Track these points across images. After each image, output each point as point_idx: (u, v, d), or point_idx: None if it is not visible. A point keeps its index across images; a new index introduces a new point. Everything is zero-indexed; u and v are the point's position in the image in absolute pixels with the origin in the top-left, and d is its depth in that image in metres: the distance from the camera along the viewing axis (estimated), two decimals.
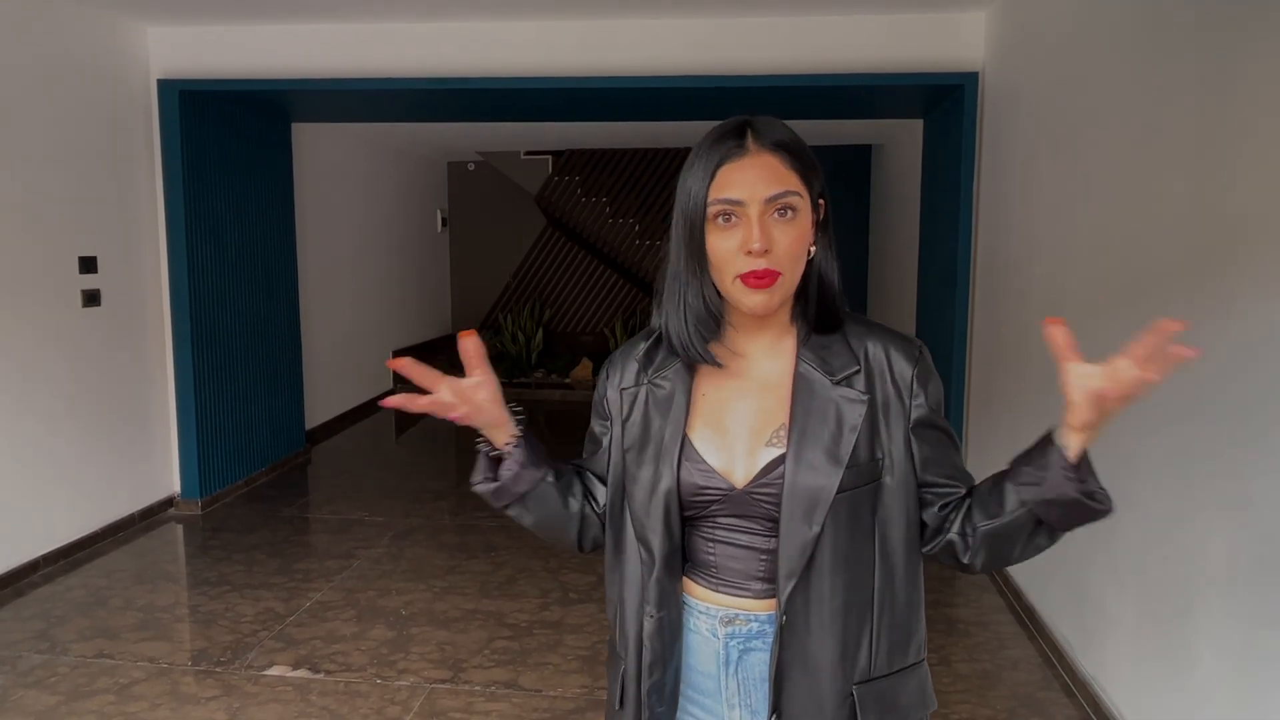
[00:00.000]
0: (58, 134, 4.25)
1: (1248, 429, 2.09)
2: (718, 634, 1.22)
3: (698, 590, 1.25)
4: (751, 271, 1.12)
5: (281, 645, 3.42)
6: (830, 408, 1.17)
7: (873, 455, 1.17)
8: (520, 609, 3.75)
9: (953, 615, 3.70)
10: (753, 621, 1.21)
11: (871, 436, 1.17)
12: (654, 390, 1.25)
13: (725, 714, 1.24)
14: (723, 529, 1.21)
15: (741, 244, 1.12)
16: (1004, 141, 4.16)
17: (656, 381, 1.25)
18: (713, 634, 1.23)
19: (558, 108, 5.69)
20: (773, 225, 1.13)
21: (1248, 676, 2.09)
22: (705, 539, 1.23)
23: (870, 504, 1.18)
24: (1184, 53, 2.44)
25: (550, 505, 1.29)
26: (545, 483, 1.27)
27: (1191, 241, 2.37)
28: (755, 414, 1.20)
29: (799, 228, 1.14)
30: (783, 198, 1.13)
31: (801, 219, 1.14)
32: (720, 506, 1.20)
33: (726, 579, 1.22)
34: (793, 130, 1.18)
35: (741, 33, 4.57)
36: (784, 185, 1.13)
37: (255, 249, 5.53)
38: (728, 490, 1.19)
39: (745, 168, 1.13)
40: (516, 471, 1.24)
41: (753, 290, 1.13)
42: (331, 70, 4.77)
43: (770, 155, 1.14)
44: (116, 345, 4.65)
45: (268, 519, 4.91)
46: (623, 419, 1.27)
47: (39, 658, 3.32)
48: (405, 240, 8.86)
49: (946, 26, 4.50)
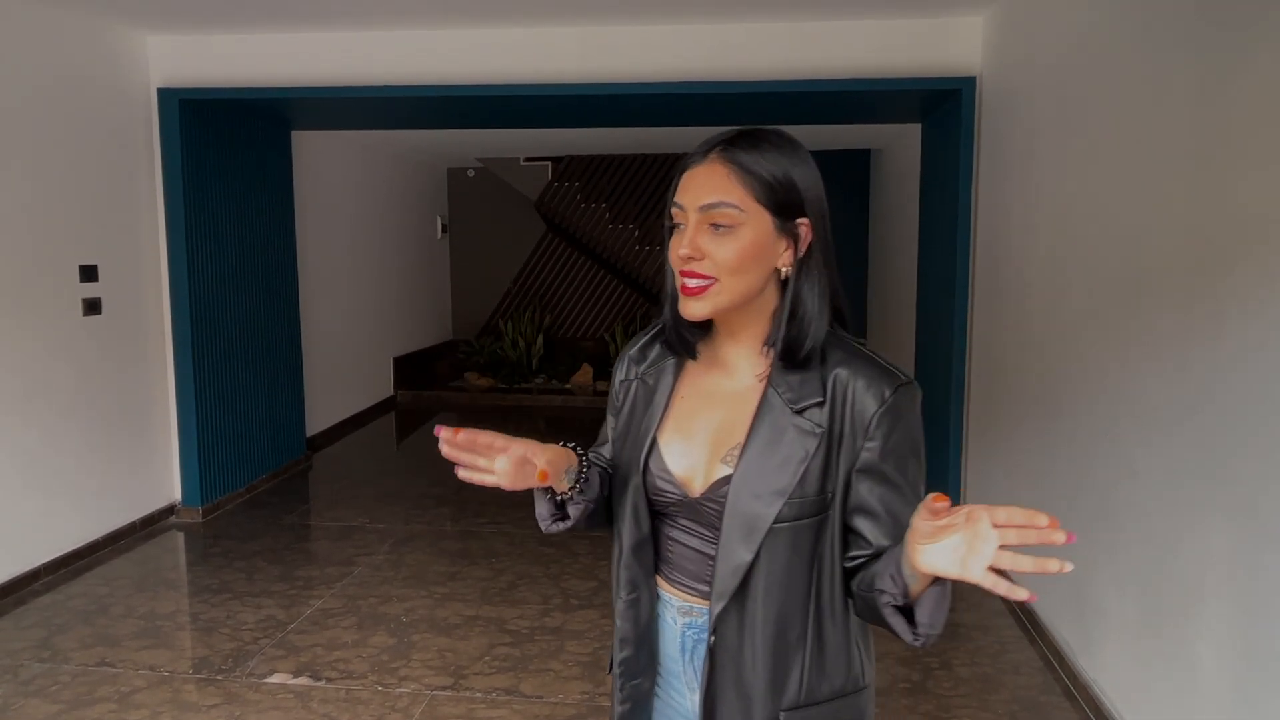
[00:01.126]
0: (58, 143, 4.26)
1: (1248, 432, 2.09)
2: (677, 623, 1.28)
3: (662, 581, 1.30)
4: (685, 275, 1.15)
5: (283, 653, 3.42)
6: (784, 436, 1.15)
7: (822, 489, 1.15)
8: (521, 615, 3.75)
9: (954, 619, 3.70)
10: (704, 616, 1.25)
11: (824, 470, 1.15)
12: (644, 384, 1.30)
13: (687, 695, 1.31)
14: (680, 529, 1.26)
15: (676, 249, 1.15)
16: (1002, 145, 4.17)
17: (645, 378, 1.30)
18: (674, 622, 1.29)
19: (557, 114, 5.70)
20: (709, 235, 1.13)
21: (1249, 680, 2.09)
22: (667, 536, 1.28)
23: (813, 536, 1.17)
24: (1181, 57, 2.45)
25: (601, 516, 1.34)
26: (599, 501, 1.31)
27: (1190, 245, 2.38)
28: (719, 427, 1.22)
29: (739, 242, 1.13)
30: (716, 209, 1.13)
31: (742, 234, 1.13)
32: (677, 509, 1.24)
33: (680, 576, 1.27)
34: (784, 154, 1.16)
35: (740, 39, 4.58)
36: (721, 197, 1.13)
37: (255, 256, 5.54)
38: (682, 496, 1.23)
39: (695, 175, 1.15)
40: (582, 509, 1.27)
41: (686, 296, 1.16)
42: (331, 78, 4.79)
43: (723, 167, 1.14)
44: (117, 353, 4.66)
45: (269, 526, 4.91)
46: (617, 409, 1.33)
47: (40, 666, 3.32)
48: (405, 247, 8.87)
49: (944, 31, 4.51)
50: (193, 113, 4.90)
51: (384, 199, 8.31)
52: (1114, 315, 2.86)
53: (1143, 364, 2.63)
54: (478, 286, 10.22)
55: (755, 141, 1.15)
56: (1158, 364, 2.54)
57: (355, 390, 7.59)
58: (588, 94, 4.74)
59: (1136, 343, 2.68)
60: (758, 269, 1.15)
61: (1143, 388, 2.63)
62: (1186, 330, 2.38)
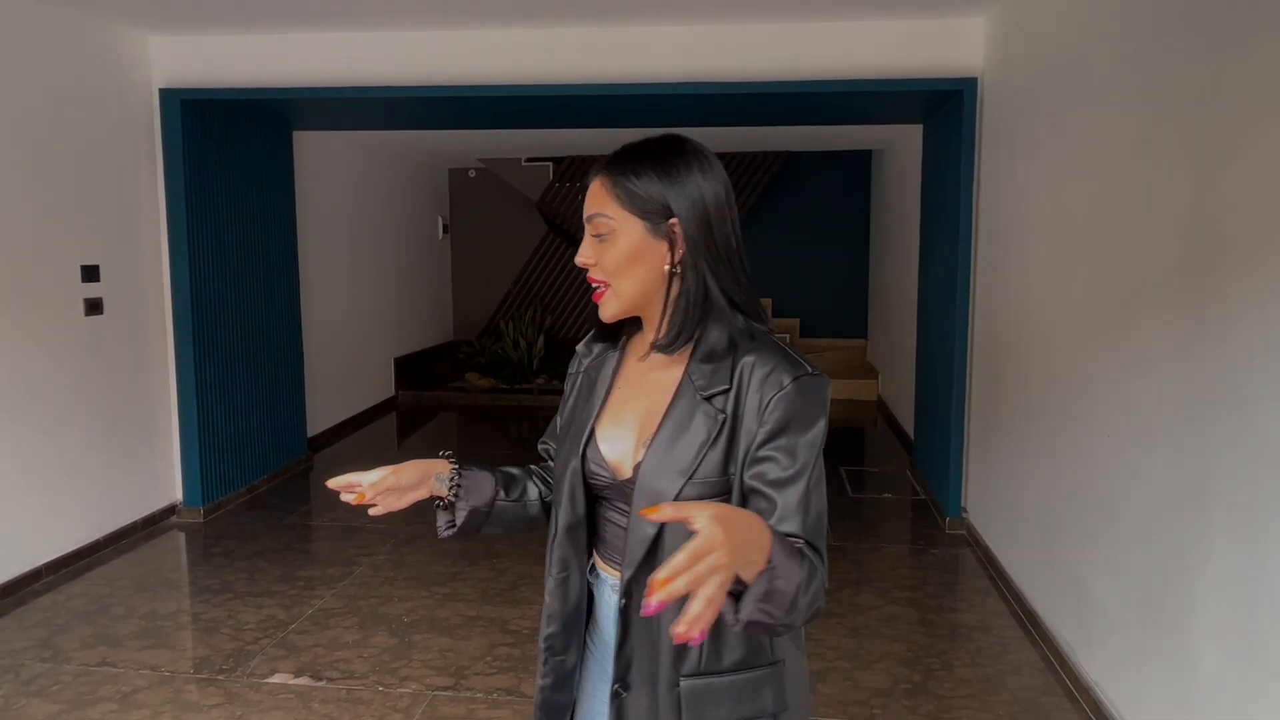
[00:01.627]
0: (60, 143, 4.27)
1: (1249, 433, 2.09)
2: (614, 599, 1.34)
3: (600, 561, 1.38)
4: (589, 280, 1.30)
5: (284, 653, 3.42)
6: (691, 421, 1.23)
7: (724, 471, 1.21)
8: (522, 615, 3.75)
9: (955, 620, 3.70)
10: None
11: (726, 453, 1.21)
12: (587, 377, 1.41)
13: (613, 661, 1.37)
14: (614, 510, 1.34)
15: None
16: (1003, 146, 4.17)
17: (589, 371, 1.41)
18: (611, 598, 1.35)
19: (559, 115, 5.70)
20: (595, 244, 1.28)
21: (1249, 682, 2.09)
22: (603, 518, 1.36)
23: None
24: (1182, 59, 2.45)
25: (511, 515, 1.44)
26: (498, 504, 1.42)
27: (1191, 247, 2.38)
28: (645, 412, 1.31)
29: (616, 246, 1.25)
30: (594, 219, 1.27)
31: (618, 240, 1.25)
32: (610, 492, 1.33)
33: (615, 554, 1.34)
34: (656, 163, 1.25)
35: (742, 39, 4.58)
36: (597, 209, 1.27)
37: (257, 256, 5.54)
38: (612, 480, 1.31)
39: (587, 192, 1.30)
40: (468, 513, 1.39)
41: (595, 301, 1.31)
42: (332, 79, 4.79)
43: (599, 182, 1.28)
44: (118, 354, 4.66)
45: (270, 526, 4.92)
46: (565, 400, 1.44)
47: (41, 666, 3.33)
48: (406, 247, 8.88)
49: (946, 32, 4.51)
50: (194, 113, 4.90)
51: (385, 199, 8.32)
52: (1115, 316, 2.86)
53: (1143, 364, 2.63)
54: (479, 287, 10.22)
55: (631, 155, 1.26)
56: (1158, 364, 2.54)
57: (356, 391, 7.59)
58: (590, 94, 4.74)
59: (1137, 343, 2.68)
60: (640, 269, 1.26)
61: (1144, 388, 2.63)
62: (1187, 331, 2.38)
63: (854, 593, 3.94)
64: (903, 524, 5.03)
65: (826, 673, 3.22)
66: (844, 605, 3.79)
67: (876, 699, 3.07)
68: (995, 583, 4.03)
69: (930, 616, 3.72)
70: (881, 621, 3.66)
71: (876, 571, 4.24)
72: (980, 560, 4.32)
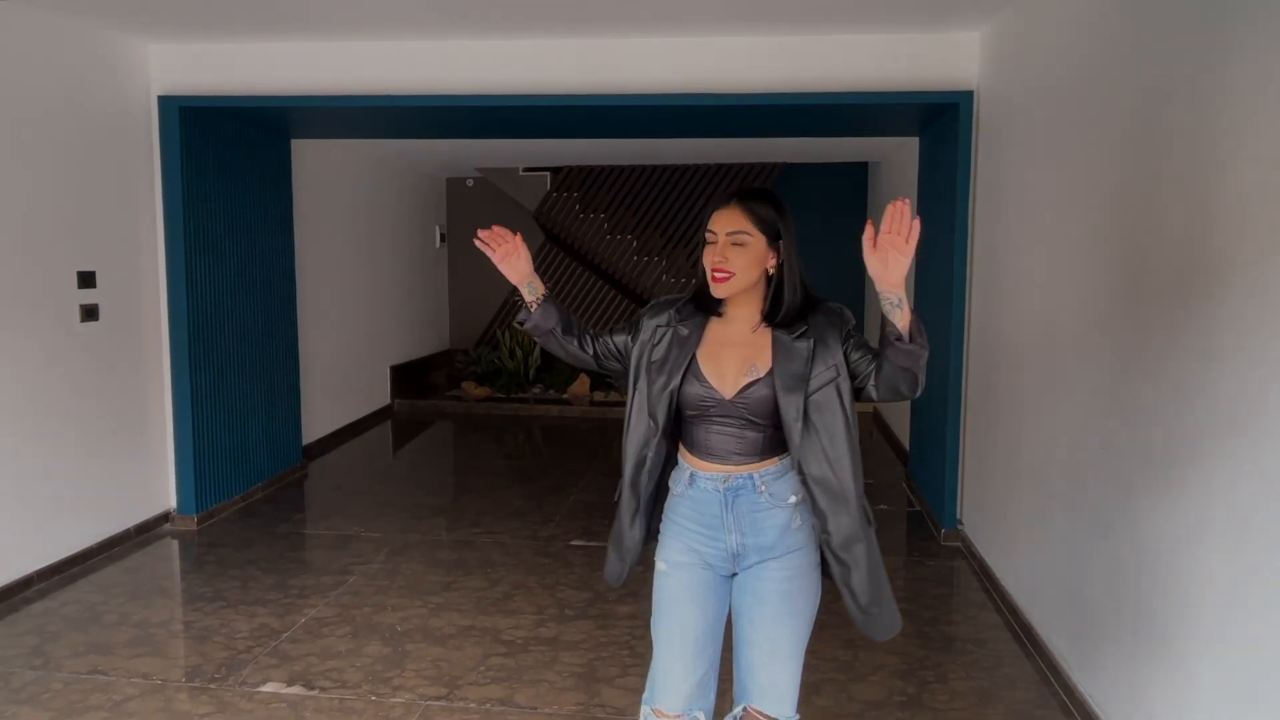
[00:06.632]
0: (59, 149, 4.27)
1: (1245, 446, 2.10)
2: (719, 489, 2.01)
3: (703, 464, 2.03)
4: (716, 269, 1.96)
5: (276, 662, 3.40)
6: (793, 351, 1.96)
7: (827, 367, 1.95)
8: (516, 625, 3.74)
9: (950, 632, 3.69)
10: (737, 479, 2.00)
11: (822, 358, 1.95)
12: (678, 331, 2.04)
13: (725, 538, 2.03)
14: (716, 424, 2.00)
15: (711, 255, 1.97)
16: (999, 159, 4.19)
17: (679, 328, 2.04)
18: (715, 490, 2.01)
19: (556, 125, 5.72)
20: (731, 248, 1.95)
21: (1245, 695, 2.09)
22: (705, 430, 2.01)
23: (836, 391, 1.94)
24: (1177, 70, 2.46)
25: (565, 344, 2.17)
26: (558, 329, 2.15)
27: (1186, 258, 2.38)
28: (739, 358, 2.00)
29: (746, 251, 1.95)
30: (736, 234, 1.96)
31: (749, 247, 1.95)
32: (714, 408, 1.99)
33: (718, 454, 2.01)
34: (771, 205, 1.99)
35: (740, 52, 4.60)
36: (736, 226, 1.96)
37: (254, 264, 5.54)
38: (720, 398, 1.98)
39: (723, 213, 1.98)
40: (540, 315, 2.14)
41: (716, 283, 1.97)
42: (331, 87, 4.80)
43: (737, 208, 1.98)
44: (114, 360, 4.65)
45: (264, 535, 4.90)
46: (651, 343, 2.05)
47: (32, 674, 3.31)
48: (404, 256, 8.88)
49: (942, 46, 4.54)
50: (193, 121, 4.91)
51: (382, 208, 8.32)
52: (1110, 328, 2.87)
53: (1139, 376, 2.64)
54: (476, 296, 10.21)
55: (755, 194, 1.99)
56: (1154, 377, 2.54)
57: (352, 399, 7.58)
58: (587, 105, 4.75)
59: (1133, 355, 2.69)
60: (755, 268, 1.98)
61: (1139, 400, 2.63)
62: (1182, 343, 2.38)
63: None
64: (898, 536, 5.02)
65: (821, 684, 3.21)
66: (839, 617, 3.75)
67: (871, 711, 3.06)
68: (990, 595, 4.03)
69: (925, 629, 3.71)
70: None
71: None
72: (975, 572, 4.31)
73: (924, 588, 4.19)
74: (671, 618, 2.05)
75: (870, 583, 2.02)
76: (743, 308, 2.02)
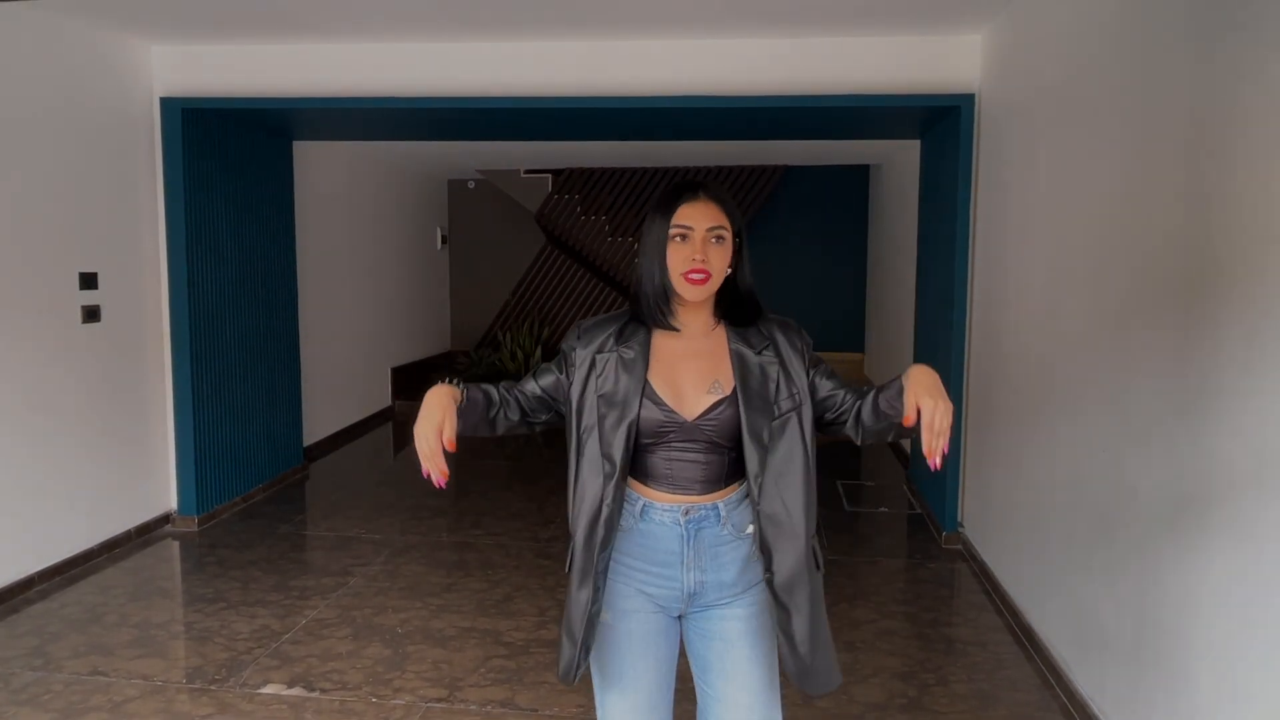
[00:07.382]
0: (60, 150, 4.27)
1: (1247, 450, 2.10)
2: (679, 522, 1.80)
3: (658, 494, 1.80)
4: (693, 270, 1.74)
5: (277, 663, 3.40)
6: (758, 369, 1.79)
7: (790, 394, 1.79)
8: (517, 627, 3.74)
9: (951, 635, 3.69)
10: (700, 510, 1.80)
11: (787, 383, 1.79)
12: (622, 355, 1.79)
13: (681, 576, 1.81)
14: (676, 450, 1.78)
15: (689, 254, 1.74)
16: (1000, 161, 4.19)
17: (622, 351, 1.79)
18: (675, 523, 1.80)
19: (557, 127, 5.72)
20: (710, 246, 1.75)
21: (1245, 698, 2.09)
22: (663, 458, 1.79)
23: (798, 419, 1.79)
24: (1178, 73, 2.47)
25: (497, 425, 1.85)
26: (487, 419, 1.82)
27: (1187, 260, 2.39)
28: (697, 372, 1.79)
29: (724, 249, 1.77)
30: (716, 229, 1.75)
31: (727, 245, 1.77)
32: (675, 433, 1.77)
33: (679, 484, 1.79)
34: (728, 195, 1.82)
35: (740, 54, 4.61)
36: (716, 221, 1.76)
37: (255, 266, 5.55)
38: (681, 421, 1.76)
39: (696, 206, 1.76)
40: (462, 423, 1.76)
41: (692, 285, 1.74)
42: (332, 89, 4.81)
43: (713, 203, 1.77)
44: (116, 361, 4.66)
45: (264, 536, 4.90)
46: (597, 374, 1.79)
47: (32, 675, 3.31)
48: (405, 257, 8.89)
49: (943, 48, 4.54)
50: (195, 122, 4.92)
51: (384, 210, 8.33)
52: (1111, 331, 2.87)
53: (1141, 379, 2.64)
54: (477, 298, 10.23)
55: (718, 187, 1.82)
56: (1156, 379, 2.54)
57: (353, 400, 7.58)
58: (589, 107, 4.76)
59: (1134, 358, 2.68)
60: (725, 266, 1.78)
61: (1141, 403, 2.63)
62: (1185, 346, 2.38)
63: (849, 607, 3.93)
64: (899, 538, 5.02)
65: None
66: (839, 619, 3.78)
67: (871, 714, 3.06)
68: (991, 597, 4.03)
69: (926, 631, 3.71)
70: (877, 636, 3.65)
71: (872, 586, 4.23)
72: (976, 575, 4.31)
73: (925, 590, 4.19)
74: (623, 677, 1.83)
75: (811, 631, 1.78)
76: (694, 312, 1.80)
